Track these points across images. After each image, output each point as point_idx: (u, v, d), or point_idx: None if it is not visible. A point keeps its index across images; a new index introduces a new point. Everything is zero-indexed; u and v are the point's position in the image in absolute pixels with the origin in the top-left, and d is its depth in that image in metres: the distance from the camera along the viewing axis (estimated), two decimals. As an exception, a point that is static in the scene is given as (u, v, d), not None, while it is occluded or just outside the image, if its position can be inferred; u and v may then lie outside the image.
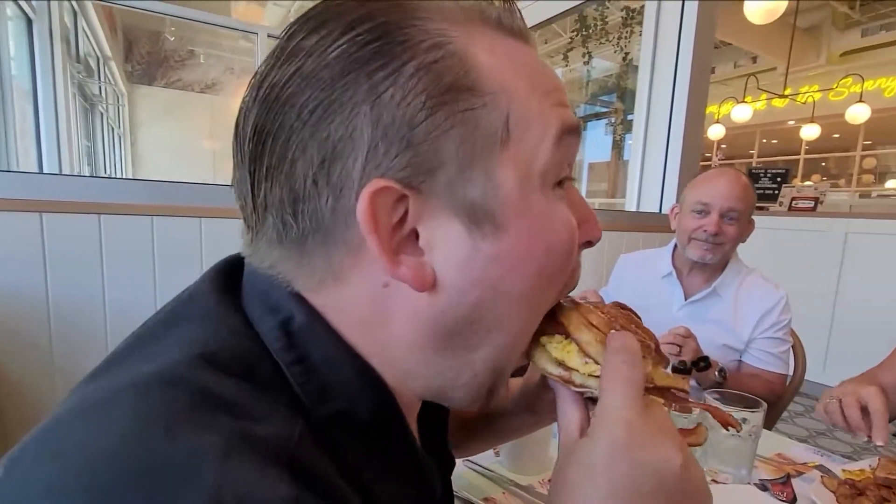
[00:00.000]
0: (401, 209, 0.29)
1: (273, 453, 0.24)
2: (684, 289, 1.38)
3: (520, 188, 0.30)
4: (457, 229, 0.30)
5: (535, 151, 0.31)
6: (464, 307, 0.31)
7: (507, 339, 0.32)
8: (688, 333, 1.18)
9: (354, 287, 0.30)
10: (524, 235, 0.31)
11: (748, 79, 6.11)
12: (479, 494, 0.74)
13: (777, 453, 0.93)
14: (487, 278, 0.30)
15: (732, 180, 1.27)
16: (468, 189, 0.29)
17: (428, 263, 0.30)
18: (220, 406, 0.25)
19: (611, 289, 1.57)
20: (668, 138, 1.97)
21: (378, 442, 0.31)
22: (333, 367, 0.30)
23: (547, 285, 0.33)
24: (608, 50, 5.32)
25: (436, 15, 0.30)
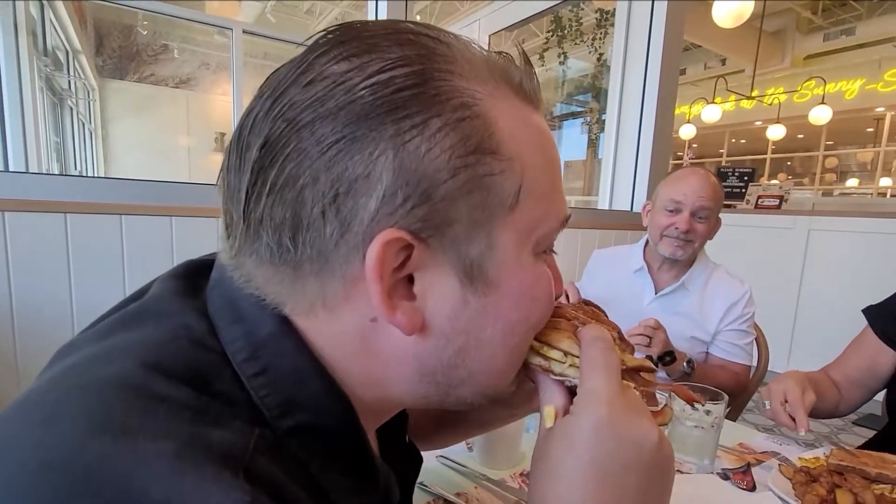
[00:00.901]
0: (402, 255, 0.29)
1: (228, 459, 0.24)
2: (655, 283, 1.41)
3: (515, 251, 0.32)
4: (451, 283, 0.30)
5: (537, 224, 0.33)
6: (448, 352, 0.32)
7: (490, 378, 0.34)
8: (657, 325, 1.21)
9: (343, 318, 0.30)
10: (512, 292, 0.32)
11: (717, 80, 6.25)
12: (451, 489, 0.74)
13: (739, 443, 0.95)
14: (473, 328, 0.32)
15: (703, 180, 1.30)
16: (470, 248, 0.30)
17: (420, 310, 0.30)
18: (173, 412, 0.25)
19: (585, 283, 1.59)
20: (639, 138, 2.00)
21: (339, 455, 0.31)
22: (300, 381, 0.30)
23: (527, 333, 0.35)
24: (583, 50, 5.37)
25: (467, 71, 0.30)
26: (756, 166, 6.48)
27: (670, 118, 2.04)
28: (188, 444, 0.23)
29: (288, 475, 0.27)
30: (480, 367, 0.33)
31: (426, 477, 0.76)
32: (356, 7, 7.03)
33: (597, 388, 0.32)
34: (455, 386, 0.33)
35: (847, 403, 1.10)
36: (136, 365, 0.27)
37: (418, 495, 0.73)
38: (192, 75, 7.50)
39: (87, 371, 0.27)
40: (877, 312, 1.10)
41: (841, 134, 9.54)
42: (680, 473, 0.84)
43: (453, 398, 0.34)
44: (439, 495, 0.72)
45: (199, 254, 0.38)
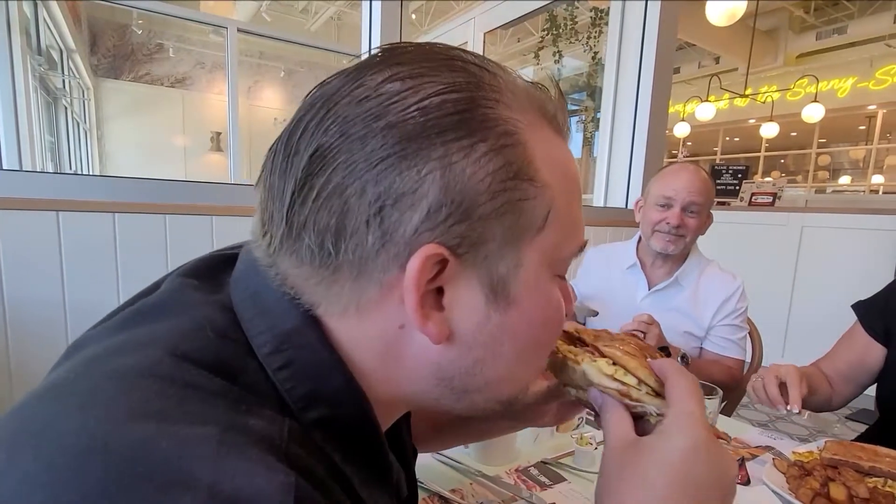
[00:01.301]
0: (436, 268, 0.30)
1: (269, 444, 0.25)
2: (648, 279, 1.41)
3: (536, 272, 0.33)
4: (478, 297, 0.32)
5: (559, 248, 0.34)
6: (467, 361, 0.33)
7: (503, 387, 0.36)
8: (651, 321, 1.21)
9: (374, 322, 0.32)
10: (530, 311, 0.34)
11: (711, 79, 6.26)
12: (446, 485, 0.74)
13: (733, 438, 0.96)
14: (492, 342, 0.33)
15: (693, 175, 1.30)
16: (499, 266, 0.32)
17: (448, 321, 0.32)
18: (207, 400, 0.25)
19: (579, 280, 1.59)
20: (634, 135, 2.00)
21: (357, 448, 0.33)
22: (322, 375, 0.31)
23: (540, 350, 0.37)
24: (578, 49, 5.37)
25: (511, 100, 0.32)
26: (750, 164, 6.50)
27: (664, 116, 2.04)
28: (229, 430, 0.24)
29: (318, 462, 0.28)
30: (495, 377, 0.35)
31: (422, 474, 0.76)
32: (352, 6, 7.00)
33: (694, 412, 0.35)
34: (469, 392, 0.35)
35: (838, 398, 1.10)
36: (163, 354, 0.27)
37: (413, 492, 0.72)
38: (187, 74, 7.46)
39: (113, 361, 0.27)
40: (865, 308, 1.11)
41: (833, 132, 9.58)
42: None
43: (465, 403, 0.36)
44: (435, 492, 0.72)
45: (194, 252, 0.38)
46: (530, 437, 0.89)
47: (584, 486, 0.76)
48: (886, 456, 0.76)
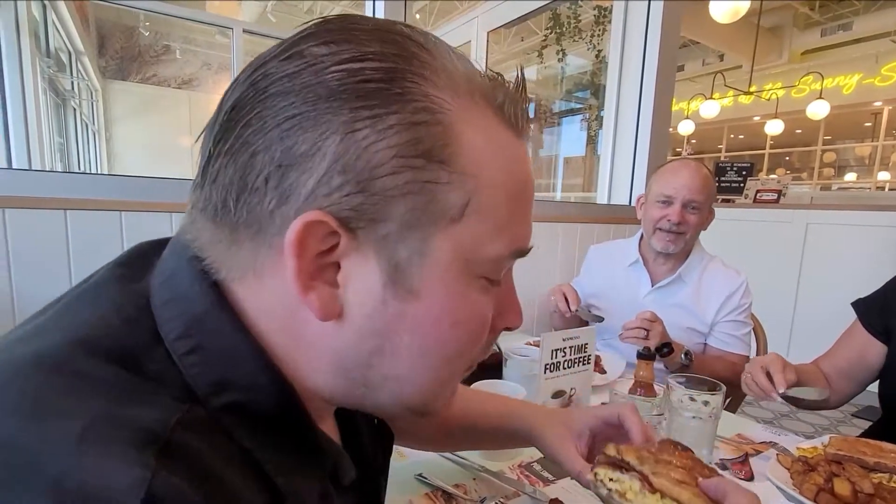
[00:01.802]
0: (331, 241, 0.29)
1: (140, 436, 0.23)
2: (651, 275, 1.40)
3: (447, 266, 0.31)
4: (374, 280, 0.30)
5: (479, 245, 0.31)
6: (362, 350, 0.31)
7: (407, 388, 0.33)
8: (654, 318, 1.20)
9: (271, 289, 0.30)
10: (436, 307, 0.31)
11: (715, 76, 6.23)
12: (449, 481, 0.74)
13: (737, 434, 0.95)
14: (389, 332, 0.31)
15: (694, 172, 1.29)
16: (399, 249, 0.29)
17: (340, 298, 0.30)
18: (92, 391, 0.25)
19: (582, 278, 1.59)
20: (637, 133, 1.99)
21: (280, 434, 0.31)
22: (233, 360, 0.29)
23: (448, 356, 0.33)
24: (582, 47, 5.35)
25: (442, 80, 0.30)
26: (755, 161, 6.46)
27: (668, 114, 2.02)
28: (98, 423, 0.23)
29: (216, 450, 0.26)
30: (396, 375, 0.32)
31: (425, 469, 0.76)
32: (356, 6, 7.01)
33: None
34: (372, 388, 0.33)
35: (838, 395, 1.10)
36: (61, 343, 0.26)
37: (417, 487, 0.72)
38: (194, 76, 7.49)
39: (13, 349, 0.27)
40: (865, 306, 1.10)
41: (839, 128, 9.50)
42: (678, 464, 0.83)
43: (370, 402, 0.34)
44: (438, 487, 0.72)
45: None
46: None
47: (587, 481, 0.76)
48: (891, 451, 0.75)
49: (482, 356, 0.37)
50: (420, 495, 0.70)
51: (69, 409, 0.23)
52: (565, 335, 0.90)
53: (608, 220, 1.90)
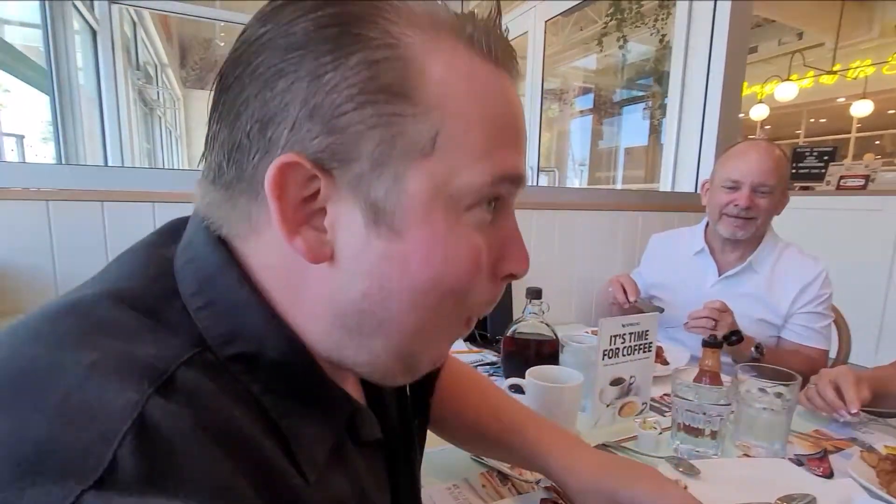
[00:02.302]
0: (313, 186, 0.30)
1: (143, 369, 0.25)
2: (718, 264, 1.32)
3: (427, 201, 0.30)
4: (357, 221, 0.30)
5: (457, 176, 0.31)
6: (354, 293, 0.31)
7: (401, 336, 0.33)
8: (724, 308, 1.14)
9: (268, 242, 0.31)
10: (418, 245, 0.31)
11: (793, 56, 5.75)
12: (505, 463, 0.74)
13: (815, 430, 0.88)
14: (377, 274, 0.31)
15: (764, 154, 1.20)
16: (374, 187, 0.30)
17: (329, 242, 0.31)
18: (110, 332, 0.26)
19: (643, 269, 1.53)
20: (704, 118, 1.87)
21: (289, 383, 0.32)
22: (242, 314, 0.31)
23: (443, 298, 0.32)
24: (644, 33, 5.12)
25: (402, 18, 0.30)
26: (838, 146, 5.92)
27: (737, 97, 1.89)
28: (109, 357, 0.24)
29: (221, 389, 0.27)
30: (389, 318, 0.32)
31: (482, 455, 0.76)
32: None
33: None
34: (366, 335, 0.33)
35: None
36: (90, 293, 0.29)
37: (472, 467, 0.73)
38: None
39: (63, 298, 0.29)
40: None
41: (940, 107, 8.49)
42: (747, 458, 0.79)
43: (366, 351, 0.33)
44: (493, 467, 0.72)
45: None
46: (590, 422, 0.87)
47: (648, 469, 0.73)
48: None
49: (484, 308, 0.36)
50: (476, 474, 0.71)
51: (87, 344, 0.25)
52: (625, 321, 0.87)
53: (672, 207, 1.81)
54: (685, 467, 0.71)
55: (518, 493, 0.67)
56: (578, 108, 6.86)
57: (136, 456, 0.21)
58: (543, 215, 1.57)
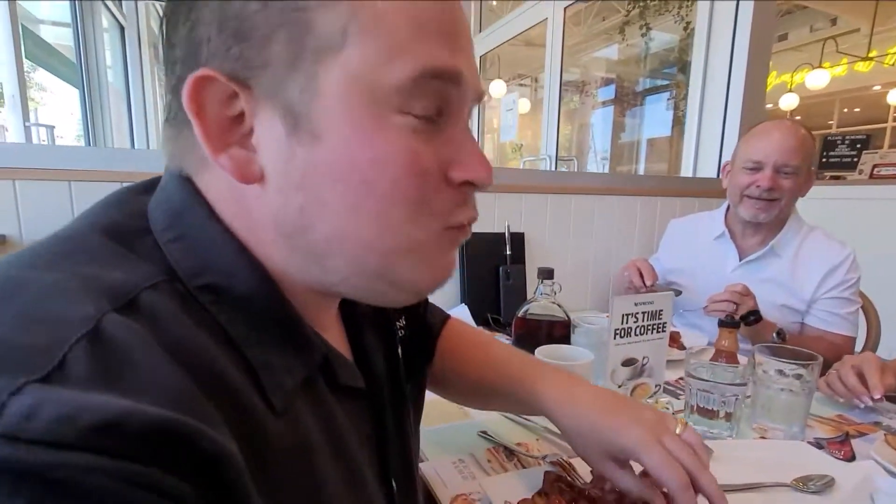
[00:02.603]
0: (237, 106, 0.29)
1: (106, 290, 0.25)
2: (739, 249, 1.28)
3: (344, 100, 0.29)
4: (279, 131, 0.29)
5: (375, 70, 0.29)
6: (292, 211, 0.30)
7: (362, 251, 0.32)
8: (746, 291, 1.10)
9: (215, 173, 0.31)
10: (342, 148, 0.29)
11: (825, 43, 5.53)
12: (512, 440, 0.73)
13: (838, 414, 0.85)
14: (309, 185, 0.30)
15: (788, 134, 1.15)
16: (289, 91, 0.28)
17: (257, 161, 0.30)
18: (81, 257, 0.27)
19: (661, 255, 1.49)
20: (727, 101, 1.81)
21: (259, 316, 0.31)
22: (211, 248, 0.31)
23: (388, 205, 0.31)
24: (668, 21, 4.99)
25: None
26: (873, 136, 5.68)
27: (762, 78, 1.82)
28: (76, 278, 0.25)
29: (187, 314, 0.27)
30: (338, 235, 0.31)
31: (488, 427, 0.75)
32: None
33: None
34: (322, 255, 0.32)
35: None
36: (73, 225, 0.30)
37: (479, 443, 0.72)
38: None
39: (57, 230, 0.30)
40: None
41: (985, 95, 8.06)
42: (764, 440, 0.76)
43: (332, 272, 0.32)
44: (500, 443, 0.71)
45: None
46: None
47: (658, 449, 0.71)
48: None
49: (460, 216, 0.34)
50: (482, 450, 0.70)
51: (55, 266, 0.26)
52: (638, 299, 0.85)
53: (693, 192, 1.76)
54: (698, 447, 0.69)
55: (523, 468, 0.66)
56: (601, 100, 6.74)
57: (88, 358, 0.21)
58: (559, 199, 1.54)
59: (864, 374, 0.83)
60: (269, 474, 0.27)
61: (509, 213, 1.45)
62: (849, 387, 0.83)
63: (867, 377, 0.82)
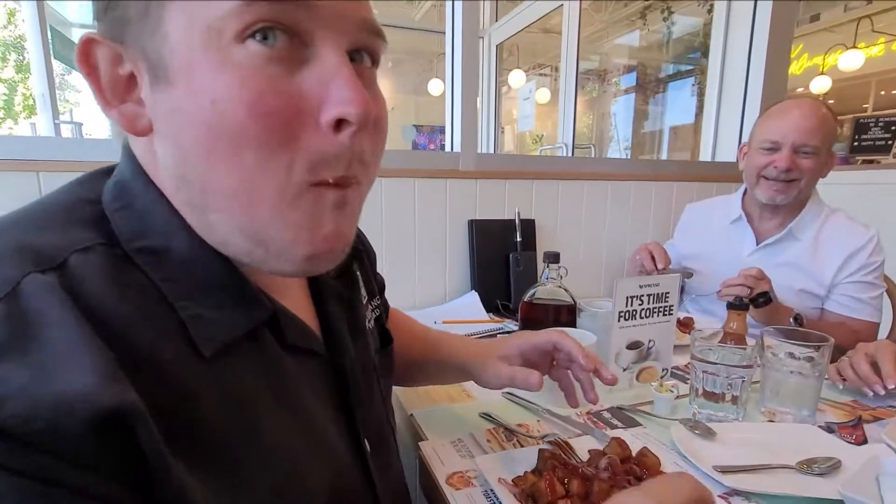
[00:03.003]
0: (127, 67, 0.31)
1: (34, 254, 0.27)
2: (756, 232, 1.24)
3: (186, 40, 0.29)
4: (147, 83, 0.31)
5: (209, 5, 0.28)
6: (170, 160, 0.31)
7: (222, 202, 0.31)
8: (760, 275, 1.06)
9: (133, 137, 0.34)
10: (188, 90, 0.29)
11: (859, 22, 5.27)
12: (513, 421, 0.73)
13: (853, 400, 0.82)
14: (172, 133, 0.30)
15: (808, 112, 1.10)
16: (144, 39, 0.30)
17: (145, 114, 0.31)
18: (29, 226, 0.30)
19: (676, 240, 1.46)
20: (747, 83, 1.74)
21: (197, 276, 0.32)
22: (150, 213, 0.32)
23: (237, 147, 0.29)
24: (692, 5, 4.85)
25: None
26: (910, 117, 5.39)
27: (785, 56, 1.75)
28: (9, 244, 0.27)
29: (118, 277, 0.29)
30: (203, 182, 0.30)
31: (490, 409, 0.75)
32: None
33: None
34: (201, 209, 0.32)
35: None
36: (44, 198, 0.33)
37: (480, 423, 0.72)
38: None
39: None
40: None
41: None
42: (772, 423, 0.74)
43: (216, 230, 0.32)
44: (502, 424, 0.71)
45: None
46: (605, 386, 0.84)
47: (660, 431, 0.70)
48: None
49: (327, 169, 0.31)
50: (481, 431, 0.70)
51: (5, 232, 0.29)
52: (642, 281, 0.83)
53: (712, 177, 1.71)
54: (701, 429, 0.68)
55: (522, 448, 0.66)
56: (623, 87, 6.60)
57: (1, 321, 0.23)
58: (571, 186, 1.52)
59: (878, 361, 0.79)
60: (193, 423, 0.28)
61: (520, 200, 1.44)
62: (861, 375, 0.80)
63: (881, 365, 0.79)
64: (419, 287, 1.38)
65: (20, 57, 7.37)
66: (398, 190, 1.31)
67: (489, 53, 3.91)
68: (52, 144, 1.08)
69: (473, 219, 1.39)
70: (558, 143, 2.79)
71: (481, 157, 1.40)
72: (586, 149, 4.63)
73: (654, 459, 0.59)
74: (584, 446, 0.63)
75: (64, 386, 0.22)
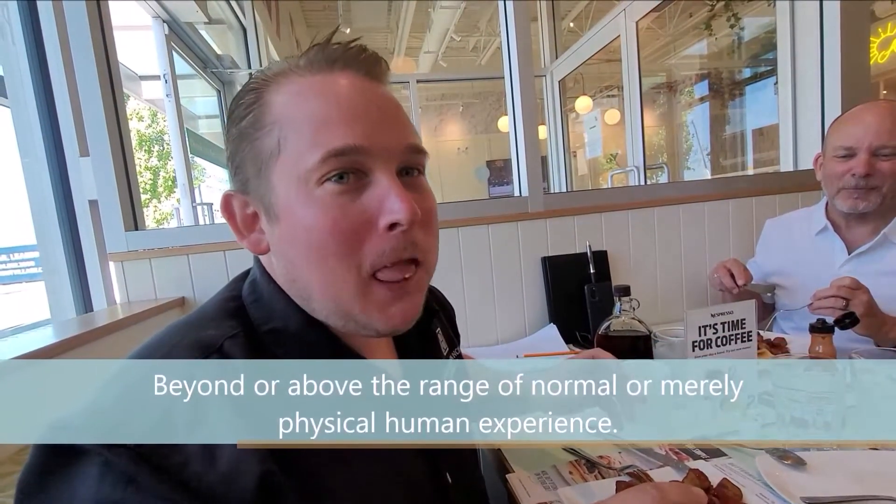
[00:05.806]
0: (251, 208, 0.45)
1: (199, 343, 0.38)
2: (846, 242, 1.14)
3: (286, 189, 0.41)
4: (264, 220, 0.44)
5: (299, 162, 0.40)
6: (282, 269, 0.44)
7: (319, 294, 0.42)
8: (856, 285, 0.97)
9: None
10: (291, 223, 0.41)
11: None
12: (594, 453, 0.74)
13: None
14: (283, 251, 0.43)
15: (883, 113, 1.02)
16: (261, 192, 0.43)
17: (264, 239, 0.45)
18: (196, 325, 0.42)
19: (759, 258, 1.37)
20: (823, 84, 1.62)
21: (307, 348, 0.43)
22: (273, 303, 0.44)
23: (328, 254, 0.40)
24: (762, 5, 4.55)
25: (271, 75, 0.44)
26: None
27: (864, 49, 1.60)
28: (183, 340, 0.39)
29: (255, 352, 0.40)
30: (303, 281, 0.42)
31: (573, 442, 0.77)
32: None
33: None
34: (308, 299, 0.43)
35: None
36: (208, 301, 0.47)
37: (563, 456, 0.75)
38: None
39: None
40: None
41: None
42: (874, 451, 0.69)
43: (319, 312, 0.43)
44: (582, 456, 0.73)
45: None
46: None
47: (747, 462, 0.68)
48: None
49: (386, 258, 0.41)
50: (564, 464, 0.73)
51: (178, 334, 0.41)
52: (714, 310, 0.81)
53: (793, 188, 1.59)
54: (790, 459, 0.65)
55: (603, 479, 0.68)
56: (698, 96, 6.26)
57: None
58: (640, 214, 1.50)
59: None
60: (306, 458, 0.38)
61: (590, 233, 1.45)
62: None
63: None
64: (500, 324, 1.43)
65: (160, 147, 8.65)
66: (473, 236, 1.39)
67: (552, 89, 3.95)
68: (196, 232, 1.30)
69: (546, 255, 1.42)
70: (629, 167, 2.73)
71: (548, 197, 1.44)
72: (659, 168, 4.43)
73: (734, 490, 0.58)
74: (664, 478, 0.63)
75: None
